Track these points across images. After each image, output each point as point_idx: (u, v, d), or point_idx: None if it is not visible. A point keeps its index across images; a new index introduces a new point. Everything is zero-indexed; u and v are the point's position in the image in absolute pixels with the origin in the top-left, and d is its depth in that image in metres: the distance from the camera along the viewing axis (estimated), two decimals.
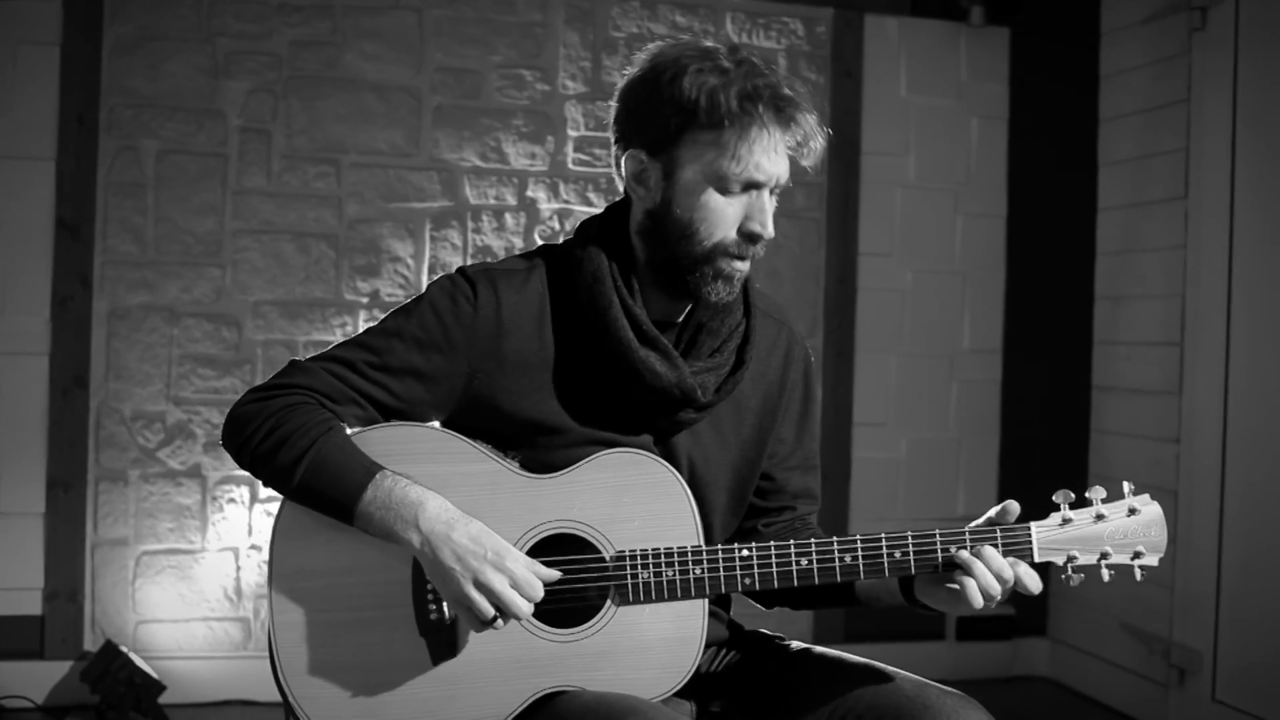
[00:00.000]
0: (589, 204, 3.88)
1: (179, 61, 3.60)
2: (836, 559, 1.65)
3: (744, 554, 1.65)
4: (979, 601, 1.60)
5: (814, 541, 1.65)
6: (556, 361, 1.72)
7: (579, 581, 1.66)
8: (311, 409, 1.66)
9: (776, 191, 1.68)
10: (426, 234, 3.78)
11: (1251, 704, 3.43)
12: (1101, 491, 1.67)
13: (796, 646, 1.83)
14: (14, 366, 3.50)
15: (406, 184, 3.77)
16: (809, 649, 1.82)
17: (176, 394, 3.61)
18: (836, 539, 1.65)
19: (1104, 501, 1.67)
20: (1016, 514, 1.65)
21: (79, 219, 3.53)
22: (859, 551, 1.64)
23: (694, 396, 1.70)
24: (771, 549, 1.65)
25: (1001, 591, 1.60)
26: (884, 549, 1.64)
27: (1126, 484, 1.68)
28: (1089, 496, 1.67)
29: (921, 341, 4.16)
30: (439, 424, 1.75)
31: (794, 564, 1.65)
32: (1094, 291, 4.16)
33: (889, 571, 1.65)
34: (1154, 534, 1.67)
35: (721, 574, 1.65)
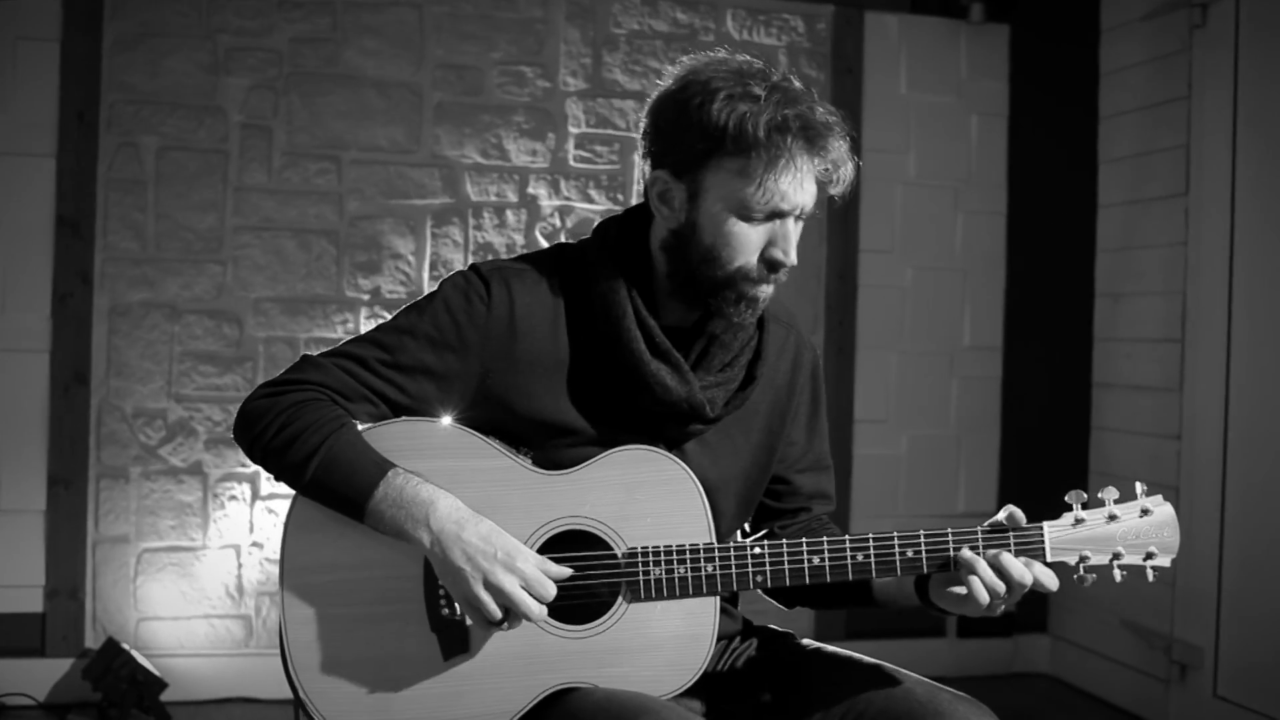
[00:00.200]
0: (590, 201, 3.87)
1: (179, 58, 3.59)
2: (848, 557, 1.65)
3: (756, 552, 1.65)
4: (985, 599, 1.60)
5: (826, 540, 1.65)
6: (570, 364, 1.71)
7: (590, 578, 1.65)
8: (324, 405, 1.65)
9: (802, 219, 1.68)
10: (427, 231, 3.78)
11: (1253, 700, 3.43)
12: (1114, 492, 1.68)
13: (809, 646, 1.83)
14: (14, 363, 3.49)
15: (407, 180, 3.76)
16: (820, 648, 1.82)
17: (178, 391, 3.61)
18: (849, 536, 1.66)
19: (1116, 502, 1.67)
20: (1023, 520, 1.65)
21: (79, 216, 3.52)
22: (871, 550, 1.65)
23: (702, 412, 1.70)
24: (784, 547, 1.65)
25: (1017, 593, 1.60)
26: (896, 547, 1.65)
27: (1139, 485, 1.69)
28: (1101, 497, 1.67)
29: (922, 338, 4.16)
30: (450, 419, 1.75)
31: (806, 562, 1.65)
32: (1094, 288, 4.17)
33: (900, 570, 1.65)
34: (1166, 535, 1.68)
35: (734, 571, 1.65)
